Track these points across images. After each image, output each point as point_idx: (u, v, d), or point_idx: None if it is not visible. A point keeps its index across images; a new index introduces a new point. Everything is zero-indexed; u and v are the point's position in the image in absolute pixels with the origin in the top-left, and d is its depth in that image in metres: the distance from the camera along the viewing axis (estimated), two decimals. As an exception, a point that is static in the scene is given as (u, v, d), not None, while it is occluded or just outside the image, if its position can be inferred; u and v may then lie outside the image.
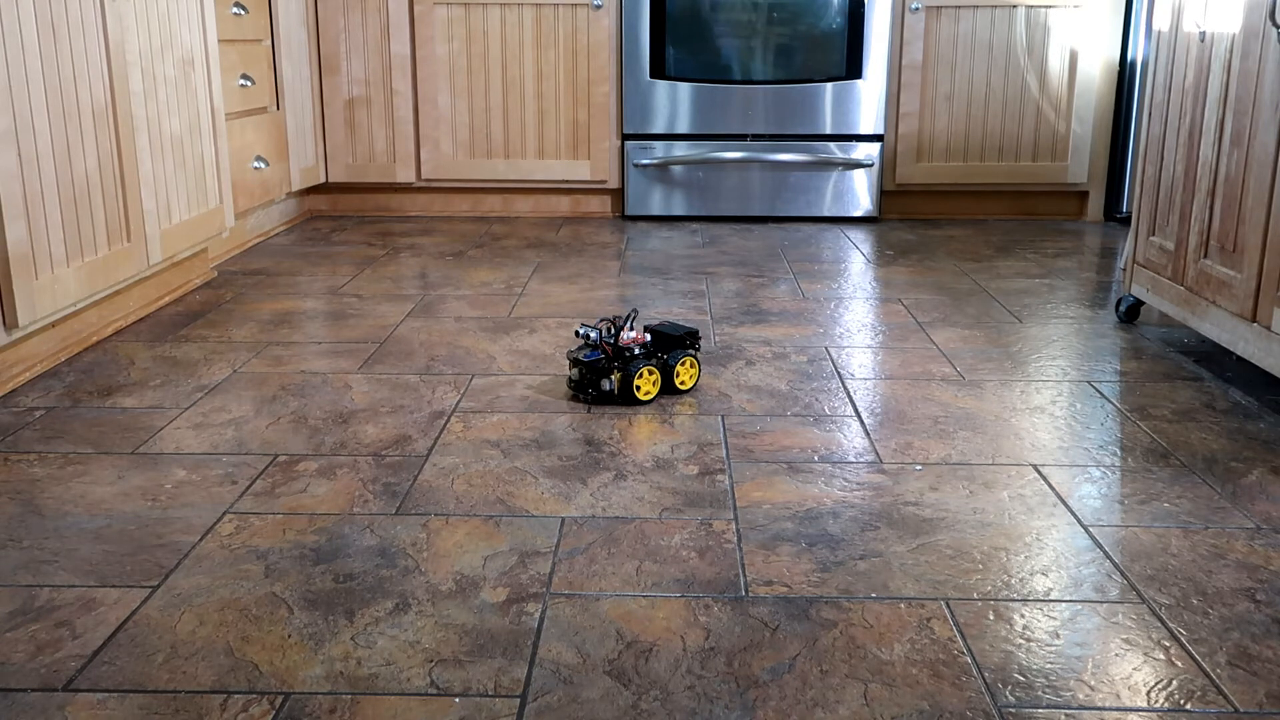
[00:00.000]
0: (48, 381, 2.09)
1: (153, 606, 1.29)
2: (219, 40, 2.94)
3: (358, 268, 3.11)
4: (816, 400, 2.01)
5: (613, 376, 1.95)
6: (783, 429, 1.87)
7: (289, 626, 1.24)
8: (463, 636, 1.22)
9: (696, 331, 2.06)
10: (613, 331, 1.98)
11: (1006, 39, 3.77)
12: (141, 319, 2.54)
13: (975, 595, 1.32)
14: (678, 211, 3.90)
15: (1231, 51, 2.06)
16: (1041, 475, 1.68)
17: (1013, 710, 1.10)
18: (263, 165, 3.29)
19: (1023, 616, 1.27)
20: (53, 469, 1.68)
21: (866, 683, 1.14)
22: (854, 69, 3.74)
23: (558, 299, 2.75)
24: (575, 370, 1.99)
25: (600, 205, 4.00)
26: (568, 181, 3.89)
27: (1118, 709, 1.10)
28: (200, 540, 1.45)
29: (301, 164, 3.65)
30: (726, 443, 1.80)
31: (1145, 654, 1.20)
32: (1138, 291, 2.49)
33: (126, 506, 1.55)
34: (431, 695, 1.12)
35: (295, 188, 3.60)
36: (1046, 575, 1.37)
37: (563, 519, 1.52)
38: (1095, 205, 3.93)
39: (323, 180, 3.86)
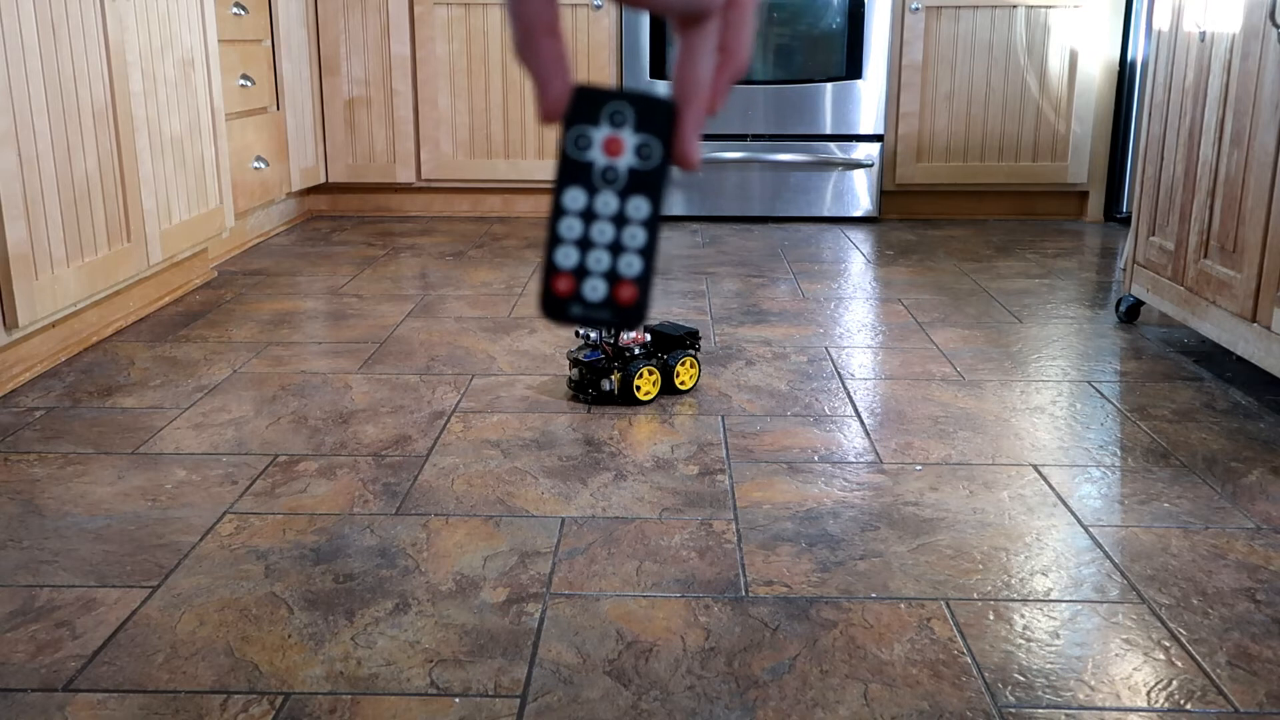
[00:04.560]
0: (48, 381, 2.09)
1: (153, 606, 1.29)
2: (219, 40, 2.94)
3: (358, 268, 3.11)
4: (816, 400, 2.01)
5: (613, 376, 1.95)
6: (783, 429, 1.87)
7: (289, 626, 1.24)
8: (463, 636, 1.22)
9: (696, 331, 2.06)
10: (613, 332, 1.98)
11: (1006, 39, 3.77)
12: (141, 319, 2.54)
13: (975, 595, 1.32)
14: (678, 211, 3.90)
15: (1231, 51, 2.06)
16: (1041, 475, 1.68)
17: (1013, 710, 1.10)
18: (263, 165, 3.29)
19: (1023, 616, 1.27)
20: (53, 469, 1.68)
21: (866, 683, 1.14)
22: (854, 69, 3.74)
23: (558, 299, 2.75)
24: (575, 370, 1.99)
25: (600, 205, 4.00)
26: (568, 181, 3.88)
27: (1118, 709, 1.10)
28: (200, 540, 1.45)
29: (301, 164, 3.65)
30: (726, 443, 1.80)
31: (1145, 654, 1.20)
32: (1138, 291, 2.49)
33: (126, 506, 1.55)
34: (431, 695, 1.12)
35: (295, 188, 3.60)
36: (1046, 575, 1.37)
37: (563, 519, 1.52)
38: (1095, 205, 3.93)
39: (323, 180, 3.86)
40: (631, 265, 0.44)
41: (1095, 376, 2.16)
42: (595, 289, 0.44)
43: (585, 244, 0.44)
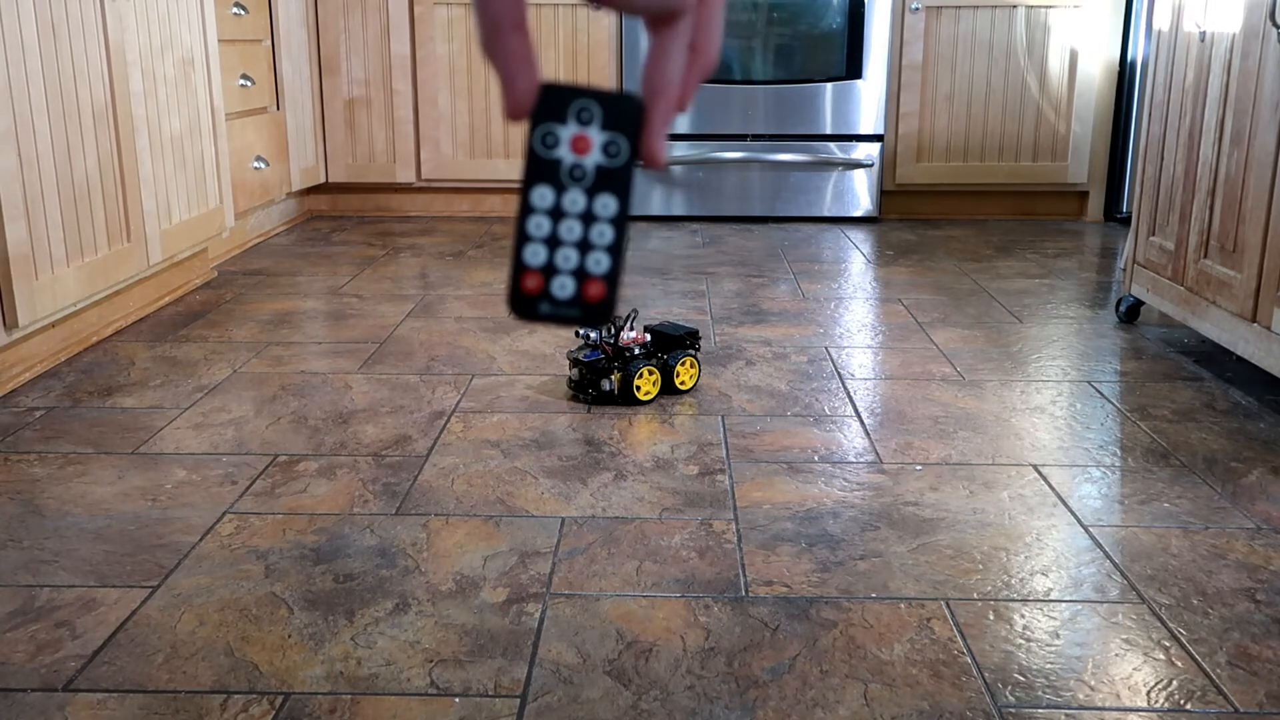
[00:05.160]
0: (48, 381, 2.09)
1: (153, 606, 1.29)
2: (219, 40, 2.94)
3: (358, 268, 3.11)
4: (816, 400, 2.01)
5: (613, 376, 1.95)
6: (783, 429, 1.87)
7: (289, 626, 1.24)
8: (463, 636, 1.22)
9: (696, 331, 2.06)
10: (613, 331, 1.98)
11: (1006, 39, 3.77)
12: (141, 319, 2.54)
13: (975, 595, 1.32)
14: (678, 211, 3.90)
15: (1231, 51, 2.06)
16: (1041, 475, 1.68)
17: (1013, 710, 1.10)
18: (263, 165, 3.29)
19: (1023, 616, 1.27)
20: (53, 469, 1.68)
21: (866, 683, 1.14)
22: (854, 69, 3.74)
23: (558, 299, 2.74)
24: (575, 370, 1.99)
25: (600, 205, 3.99)
26: (568, 181, 3.88)
27: (1118, 709, 1.10)
28: (200, 540, 1.45)
29: (301, 164, 3.65)
30: (726, 443, 1.80)
31: (1145, 654, 1.20)
32: (1138, 291, 2.49)
33: (126, 506, 1.55)
34: (431, 695, 1.12)
35: (295, 188, 3.60)
36: (1046, 575, 1.37)
37: (563, 519, 1.52)
38: (1095, 205, 3.93)
39: (323, 180, 3.86)
40: (600, 263, 0.44)
41: (1095, 376, 2.16)
42: (564, 287, 0.44)
43: (553, 242, 0.44)
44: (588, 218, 0.44)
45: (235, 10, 3.10)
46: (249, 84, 3.21)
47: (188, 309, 2.64)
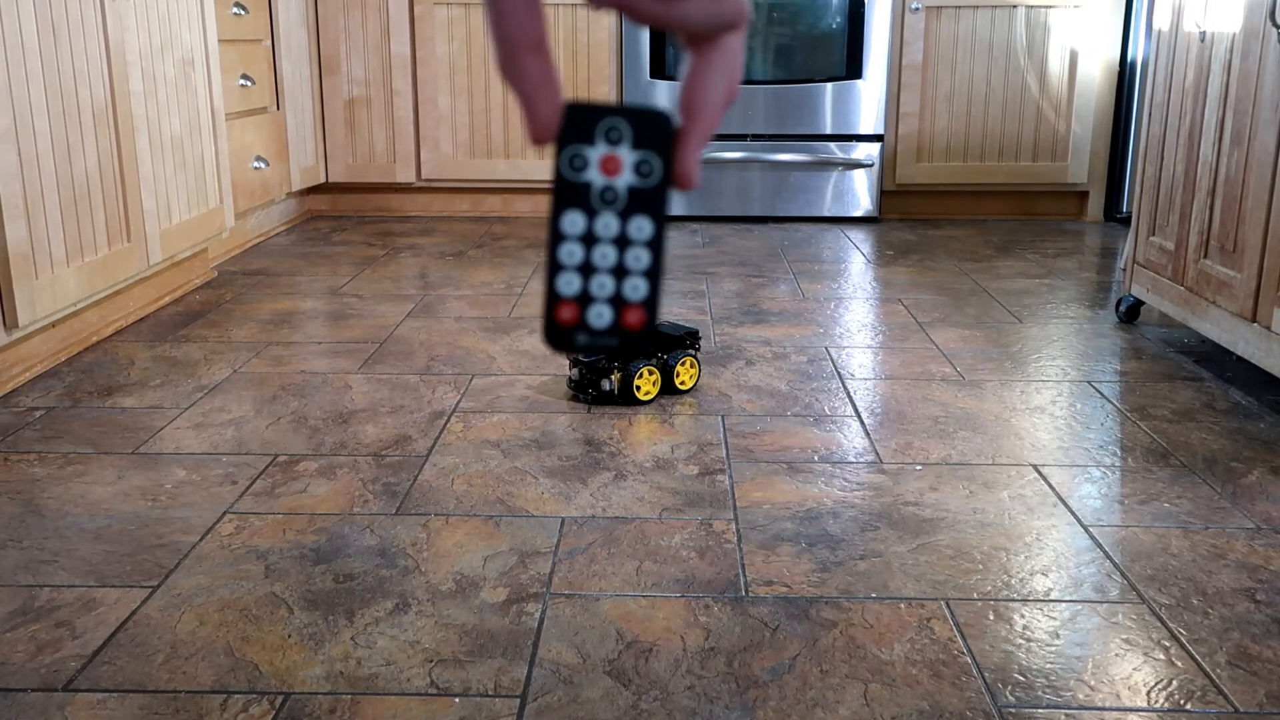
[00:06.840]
0: (48, 381, 2.09)
1: (153, 606, 1.29)
2: (219, 40, 2.94)
3: (358, 268, 3.11)
4: (816, 400, 2.01)
5: (613, 376, 1.95)
6: (783, 429, 1.87)
7: (289, 626, 1.24)
8: (463, 636, 1.22)
9: (696, 331, 2.06)
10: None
11: (1006, 39, 3.77)
12: (141, 319, 2.54)
13: (975, 595, 1.32)
14: (677, 211, 3.90)
15: (1231, 51, 2.06)
16: (1041, 475, 1.68)
17: (1013, 710, 1.10)
18: (263, 165, 3.29)
19: (1023, 616, 1.27)
20: (53, 469, 1.68)
21: (866, 683, 1.14)
22: (854, 69, 3.74)
23: (558, 299, 2.74)
24: (575, 370, 1.99)
25: (600, 205, 3.99)
26: (568, 181, 3.88)
27: (1118, 709, 1.10)
28: (200, 540, 1.45)
29: (301, 164, 3.65)
30: (726, 443, 1.80)
31: (1145, 654, 1.20)
32: (1138, 291, 2.49)
33: (126, 506, 1.55)
34: (431, 695, 1.12)
35: (295, 188, 3.60)
36: (1046, 575, 1.37)
37: (563, 519, 1.52)
38: (1095, 205, 3.93)
39: (323, 180, 3.86)
40: (637, 289, 0.42)
41: (1095, 376, 2.16)
42: (601, 315, 0.42)
43: (587, 269, 0.42)
44: (622, 242, 0.42)
45: (235, 10, 3.10)
46: (249, 84, 3.21)
47: (188, 309, 2.64)
